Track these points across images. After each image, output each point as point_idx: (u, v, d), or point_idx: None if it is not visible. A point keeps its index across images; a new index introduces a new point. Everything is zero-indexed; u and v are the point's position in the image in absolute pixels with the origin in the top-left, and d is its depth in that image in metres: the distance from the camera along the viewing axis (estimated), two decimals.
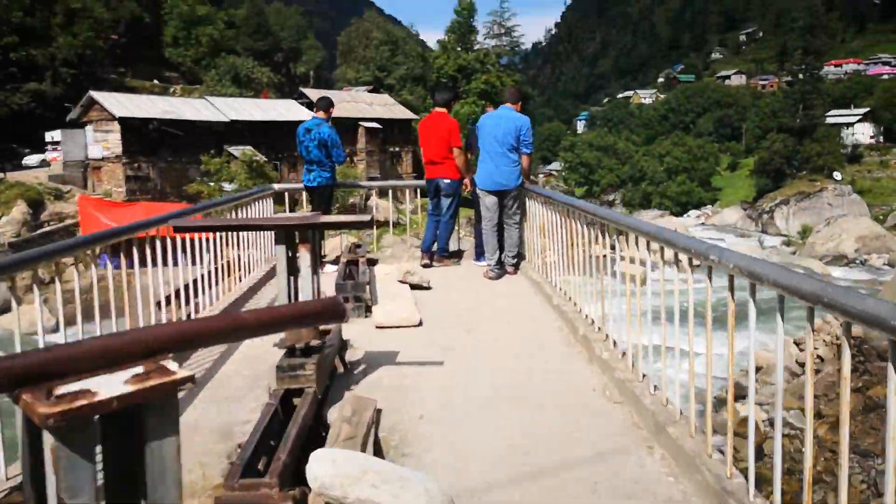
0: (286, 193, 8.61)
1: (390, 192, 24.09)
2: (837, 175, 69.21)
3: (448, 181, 7.51)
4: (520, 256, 7.38)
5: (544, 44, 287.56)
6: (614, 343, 4.25)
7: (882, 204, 67.23)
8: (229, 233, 5.90)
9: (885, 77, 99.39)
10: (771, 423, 16.86)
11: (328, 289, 5.59)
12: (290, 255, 3.45)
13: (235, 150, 37.76)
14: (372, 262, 6.88)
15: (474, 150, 7.72)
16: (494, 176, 6.89)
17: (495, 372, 4.14)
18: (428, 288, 6.37)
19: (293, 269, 3.46)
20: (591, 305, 4.76)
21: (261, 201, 7.31)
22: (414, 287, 6.18)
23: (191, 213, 4.82)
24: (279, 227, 3.37)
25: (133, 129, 35.68)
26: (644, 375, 3.75)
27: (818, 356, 18.30)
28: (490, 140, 6.87)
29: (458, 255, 8.23)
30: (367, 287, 5.52)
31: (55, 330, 3.54)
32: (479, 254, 7.74)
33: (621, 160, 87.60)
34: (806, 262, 43.22)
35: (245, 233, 5.80)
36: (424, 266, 7.61)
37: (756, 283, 2.48)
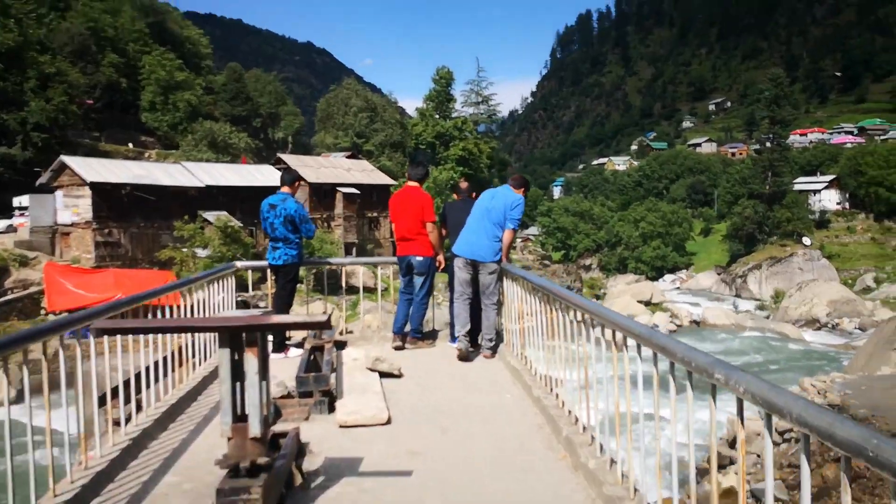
0: (250, 273, 8.18)
1: (368, 256, 23.73)
2: (807, 240, 70.43)
3: (421, 258, 7.19)
4: (498, 338, 6.98)
5: (520, 112, 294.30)
6: (601, 448, 3.83)
7: (850, 268, 68.35)
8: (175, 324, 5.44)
9: (849, 145, 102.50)
10: (753, 493, 16.32)
11: (290, 378, 5.14)
12: (235, 358, 3.03)
13: (210, 216, 37.29)
14: (340, 346, 6.42)
15: (448, 226, 7.49)
16: (473, 245, 6.70)
17: (469, 485, 3.69)
18: (399, 376, 5.92)
19: (238, 375, 3.03)
20: (577, 406, 4.34)
21: (222, 281, 6.85)
22: (384, 375, 5.74)
23: (127, 304, 4.28)
24: (222, 329, 2.95)
25: (104, 194, 35.16)
26: (636, 491, 3.32)
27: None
28: (480, 210, 6.76)
29: (433, 336, 7.78)
30: (333, 377, 5.07)
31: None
32: (455, 334, 7.32)
33: (597, 225, 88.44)
34: (780, 326, 43.35)
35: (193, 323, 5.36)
36: (396, 349, 7.20)
37: (774, 416, 2.07)
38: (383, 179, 53.47)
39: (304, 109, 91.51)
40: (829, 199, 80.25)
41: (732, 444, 18.57)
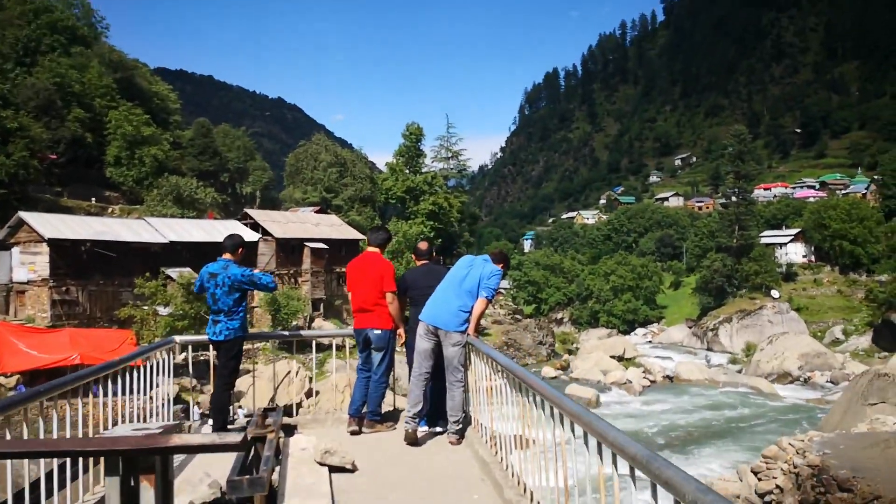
0: (190, 348, 7.28)
1: (336, 312, 23.07)
2: (775, 293, 71.09)
3: (379, 332, 6.50)
4: (465, 421, 6.25)
5: (490, 167, 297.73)
6: None
7: (819, 321, 68.97)
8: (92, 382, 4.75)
9: (811, 199, 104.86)
10: None
11: (226, 474, 4.44)
12: (128, 487, 2.39)
13: (173, 272, 36.30)
14: (289, 431, 5.73)
15: (410, 295, 6.82)
16: (439, 311, 6.11)
17: None
18: (352, 470, 5.22)
19: None
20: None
21: (159, 355, 6.14)
22: (335, 469, 5.04)
23: (24, 400, 3.55)
24: (109, 454, 2.32)
25: (63, 251, 34.08)
26: None
27: (777, 485, 17.33)
28: (454, 277, 6.26)
29: (393, 418, 7.02)
30: (274, 476, 4.38)
31: None
32: (408, 413, 6.71)
33: (568, 279, 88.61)
34: (753, 381, 43.13)
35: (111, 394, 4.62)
36: (352, 433, 6.48)
37: None
38: (352, 234, 52.91)
39: (273, 164, 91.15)
40: (796, 252, 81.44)
41: None
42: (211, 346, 6.71)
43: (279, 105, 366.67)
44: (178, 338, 7.05)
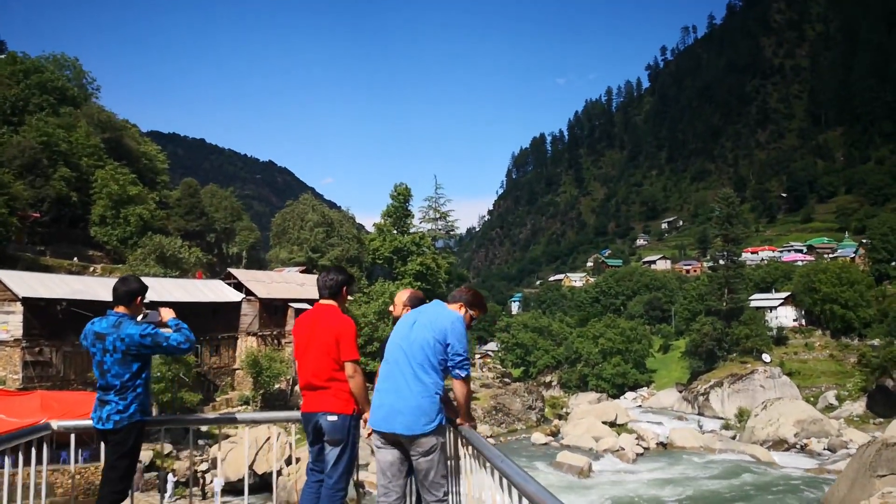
0: (73, 438, 5.20)
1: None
2: (766, 357, 70.35)
3: (334, 418, 4.63)
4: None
5: (478, 229, 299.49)
6: None
7: (811, 385, 68.08)
8: None
9: (800, 263, 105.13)
10: None
11: None
12: None
13: None
14: None
15: None
16: (391, 408, 4.21)
17: None
18: None
19: None
20: None
21: (27, 452, 4.60)
22: None
23: None
24: None
25: (37, 310, 33.01)
26: None
27: None
28: (394, 349, 4.37)
29: None
30: None
31: None
32: None
33: (556, 341, 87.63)
34: (749, 448, 42.00)
35: None
36: None
37: None
38: None
39: (262, 226, 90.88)
40: (786, 316, 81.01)
41: None
42: (97, 436, 4.76)
43: (270, 168, 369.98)
44: (55, 423, 5.08)
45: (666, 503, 28.34)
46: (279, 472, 27.16)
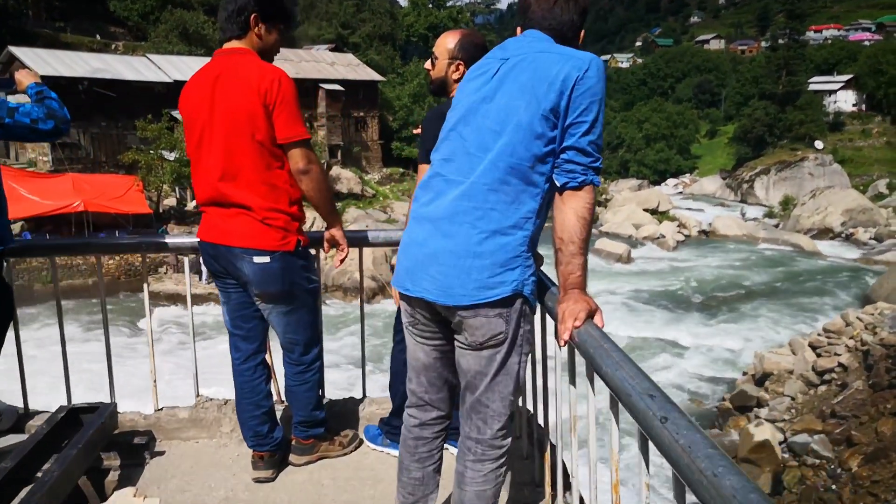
0: None
1: (355, 159, 20.96)
2: (819, 144, 67.34)
3: (265, 259, 2.64)
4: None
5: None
6: None
7: (863, 174, 65.61)
8: None
9: (867, 43, 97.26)
10: (790, 447, 14.13)
11: None
12: None
13: (178, 114, 34.00)
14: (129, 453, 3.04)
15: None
16: (433, 252, 2.00)
17: None
18: None
19: None
20: None
21: None
22: None
23: None
24: None
25: (59, 90, 30.79)
26: None
27: (839, 363, 15.64)
28: (454, 140, 2.07)
29: (352, 423, 3.41)
30: None
31: None
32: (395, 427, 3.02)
33: None
34: (794, 237, 41.05)
35: None
36: (261, 481, 2.91)
37: None
38: (371, 75, 49.52)
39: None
40: (846, 101, 76.28)
41: (760, 381, 16.35)
42: None
43: None
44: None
45: (705, 291, 27.96)
46: None
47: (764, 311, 24.54)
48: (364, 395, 3.61)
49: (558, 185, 1.96)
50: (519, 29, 2.19)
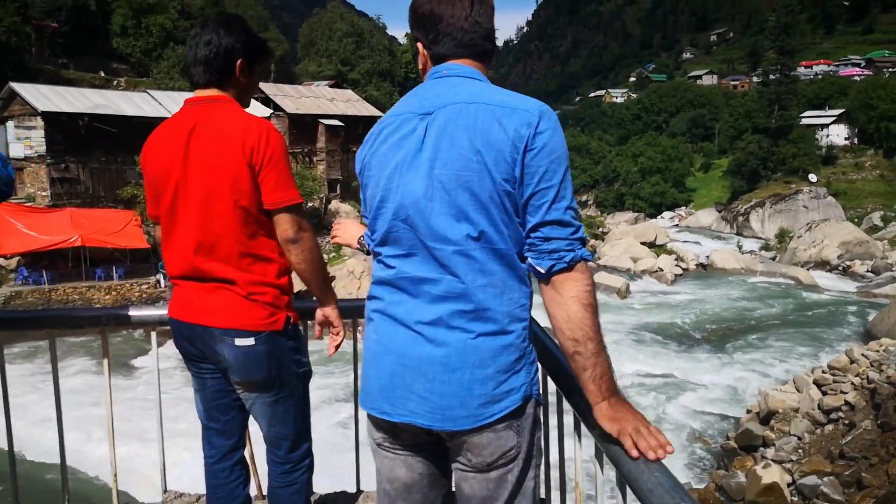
0: None
1: (353, 193, 21.00)
2: (813, 177, 67.89)
3: (249, 342, 2.20)
4: None
5: (515, 42, 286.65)
6: None
7: (857, 206, 66.09)
8: None
9: (857, 78, 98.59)
10: (799, 490, 13.91)
11: None
12: None
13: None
14: None
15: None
16: (409, 364, 1.59)
17: None
18: None
19: None
20: None
21: None
22: None
23: None
24: None
25: (59, 126, 31.85)
26: None
27: (846, 402, 15.50)
28: (409, 216, 1.62)
29: None
30: None
31: None
32: None
33: (594, 160, 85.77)
34: (792, 270, 41.13)
35: None
36: None
37: None
38: (370, 111, 50.02)
39: (291, 37, 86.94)
40: (838, 135, 77.21)
41: (765, 419, 16.19)
42: None
43: None
44: None
45: (704, 325, 27.92)
46: None
47: (765, 345, 24.47)
48: (358, 489, 3.03)
49: (542, 271, 1.54)
50: (426, 55, 1.76)
